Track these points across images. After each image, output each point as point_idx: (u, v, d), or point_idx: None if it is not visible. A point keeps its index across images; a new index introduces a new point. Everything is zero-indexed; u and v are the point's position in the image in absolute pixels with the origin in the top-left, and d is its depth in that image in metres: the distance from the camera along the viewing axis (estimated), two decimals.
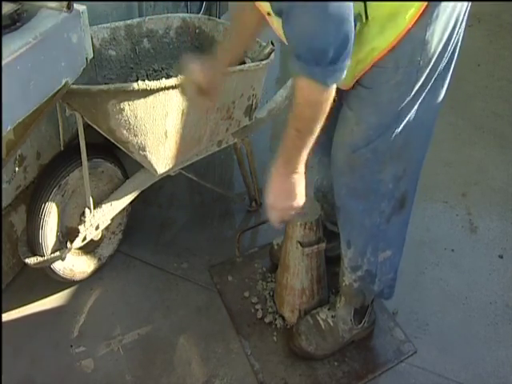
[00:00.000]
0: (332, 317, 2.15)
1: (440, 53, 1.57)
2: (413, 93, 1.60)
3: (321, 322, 2.15)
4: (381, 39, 1.49)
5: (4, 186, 2.18)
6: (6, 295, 2.32)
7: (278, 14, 1.37)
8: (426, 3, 1.45)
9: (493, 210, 2.82)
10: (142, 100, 1.91)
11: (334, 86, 1.39)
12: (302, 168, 1.58)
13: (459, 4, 1.55)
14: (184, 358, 2.18)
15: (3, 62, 1.17)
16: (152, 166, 2.17)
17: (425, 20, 1.47)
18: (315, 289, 2.19)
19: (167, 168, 2.23)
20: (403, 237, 2.02)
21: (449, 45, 1.58)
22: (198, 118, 2.15)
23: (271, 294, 2.35)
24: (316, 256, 2.14)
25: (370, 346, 2.21)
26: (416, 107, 1.64)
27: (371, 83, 1.60)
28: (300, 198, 1.64)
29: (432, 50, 1.54)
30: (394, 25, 1.47)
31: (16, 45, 1.24)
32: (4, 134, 1.23)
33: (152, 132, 2.03)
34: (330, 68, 1.34)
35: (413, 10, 1.45)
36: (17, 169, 2.22)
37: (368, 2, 1.45)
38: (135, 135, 2.01)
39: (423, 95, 1.63)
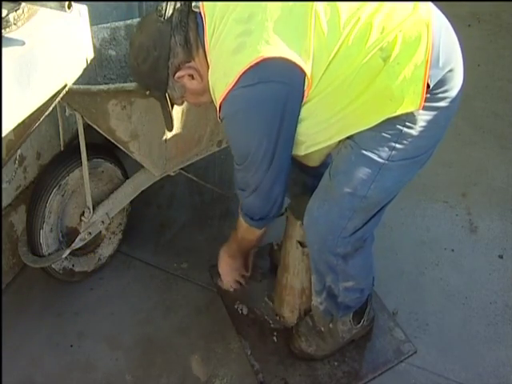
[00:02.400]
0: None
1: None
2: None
3: (320, 323, 2.15)
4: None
5: (4, 185, 2.18)
6: (6, 295, 2.32)
7: None
8: None
9: (493, 209, 2.81)
10: (142, 100, 1.91)
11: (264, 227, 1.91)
12: (245, 253, 2.12)
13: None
14: (184, 357, 2.18)
15: (3, 62, 1.17)
16: (152, 166, 2.17)
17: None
18: None
19: (167, 168, 2.23)
20: (366, 269, 2.03)
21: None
22: (198, 118, 2.15)
23: (271, 293, 2.35)
24: None
25: (369, 346, 2.21)
26: (397, 172, 1.68)
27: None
28: (244, 272, 2.16)
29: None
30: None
31: (16, 45, 1.23)
32: (4, 134, 1.23)
33: (152, 132, 2.03)
34: (261, 221, 1.85)
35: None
36: (17, 169, 2.22)
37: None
38: (135, 135, 2.01)
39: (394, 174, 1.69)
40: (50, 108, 1.45)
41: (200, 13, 1.58)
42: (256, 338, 2.23)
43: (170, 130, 1.86)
